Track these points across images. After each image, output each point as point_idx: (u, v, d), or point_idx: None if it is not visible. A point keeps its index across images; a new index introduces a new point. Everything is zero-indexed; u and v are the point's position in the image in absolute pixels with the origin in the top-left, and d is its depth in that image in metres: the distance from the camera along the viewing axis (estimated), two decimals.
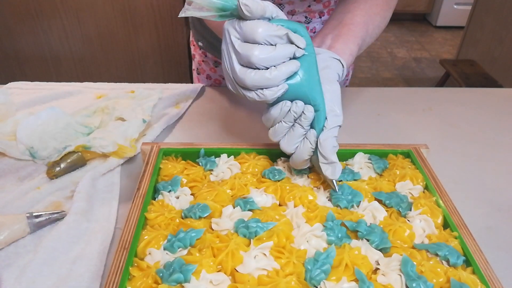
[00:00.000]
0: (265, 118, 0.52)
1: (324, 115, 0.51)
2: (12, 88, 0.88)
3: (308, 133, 0.51)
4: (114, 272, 0.42)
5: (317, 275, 0.43)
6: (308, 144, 0.51)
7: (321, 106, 0.50)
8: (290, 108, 0.49)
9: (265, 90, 0.47)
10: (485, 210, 0.62)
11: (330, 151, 0.51)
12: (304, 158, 0.52)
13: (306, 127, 0.50)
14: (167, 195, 0.53)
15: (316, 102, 0.50)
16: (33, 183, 0.63)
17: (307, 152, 0.52)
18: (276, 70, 0.46)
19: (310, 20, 0.79)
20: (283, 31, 0.46)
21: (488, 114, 0.87)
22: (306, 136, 0.51)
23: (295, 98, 0.49)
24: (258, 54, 0.45)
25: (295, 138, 0.51)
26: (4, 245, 0.52)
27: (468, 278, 0.43)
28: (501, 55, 2.38)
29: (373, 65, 3.28)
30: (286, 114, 0.50)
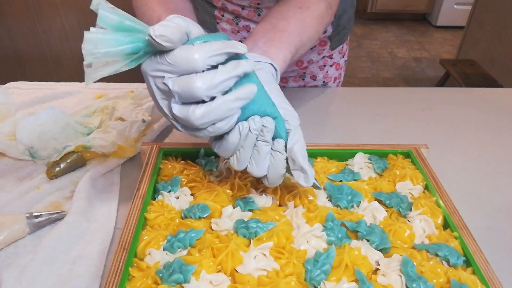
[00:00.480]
0: (221, 149, 0.45)
1: (282, 119, 0.46)
2: (11, 88, 0.88)
3: (274, 145, 0.46)
4: (113, 272, 0.42)
5: (317, 275, 0.43)
6: (279, 156, 0.45)
7: (277, 112, 0.46)
8: (249, 128, 0.43)
9: (218, 122, 0.41)
10: (485, 210, 0.62)
11: (302, 156, 0.46)
12: (281, 173, 0.47)
13: (270, 140, 0.45)
14: (167, 195, 0.53)
15: (271, 110, 0.45)
16: (33, 183, 0.63)
17: (282, 165, 0.46)
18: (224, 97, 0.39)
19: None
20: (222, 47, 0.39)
21: (488, 114, 0.87)
22: (273, 148, 0.46)
23: (249, 116, 0.43)
24: (202, 85, 0.38)
25: (263, 158, 0.45)
26: (4, 245, 0.52)
27: (468, 278, 0.43)
28: (501, 55, 2.38)
29: (373, 65, 3.28)
30: (246, 136, 0.43)
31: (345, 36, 0.91)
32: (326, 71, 0.92)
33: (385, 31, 3.89)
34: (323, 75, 0.92)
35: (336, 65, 0.94)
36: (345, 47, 0.94)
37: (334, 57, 0.91)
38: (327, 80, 0.94)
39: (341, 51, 0.92)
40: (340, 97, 0.92)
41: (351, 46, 3.58)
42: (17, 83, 0.90)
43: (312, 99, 0.90)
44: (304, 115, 0.84)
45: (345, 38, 0.91)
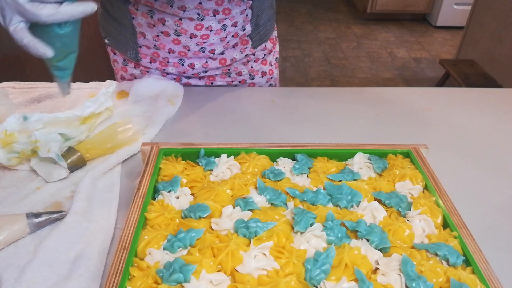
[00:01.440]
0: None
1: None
2: (5, 88, 0.88)
3: None
4: (114, 272, 0.42)
5: (317, 275, 0.43)
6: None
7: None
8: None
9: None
10: (485, 210, 0.62)
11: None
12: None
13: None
14: (167, 195, 0.53)
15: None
16: (33, 183, 0.63)
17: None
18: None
19: (203, 18, 0.79)
20: None
21: (488, 114, 0.87)
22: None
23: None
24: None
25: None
26: (4, 245, 0.52)
27: (468, 278, 0.43)
28: (500, 55, 2.38)
29: (373, 65, 3.28)
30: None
31: (266, 36, 0.92)
32: (250, 66, 0.93)
33: (385, 31, 3.89)
34: (248, 70, 0.94)
35: (262, 60, 0.95)
36: (270, 45, 0.95)
37: (256, 54, 0.93)
38: (254, 73, 0.95)
39: (264, 49, 0.93)
40: (340, 97, 0.92)
41: (351, 46, 3.58)
42: (10, 83, 0.89)
43: (312, 99, 0.90)
44: (303, 115, 0.84)
45: (266, 38, 0.93)
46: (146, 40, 0.84)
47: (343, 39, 3.71)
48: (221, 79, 0.93)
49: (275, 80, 1.02)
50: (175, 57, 0.85)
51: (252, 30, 0.87)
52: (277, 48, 1.00)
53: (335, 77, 3.09)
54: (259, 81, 0.97)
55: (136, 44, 0.86)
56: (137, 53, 0.87)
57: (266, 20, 0.90)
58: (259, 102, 0.88)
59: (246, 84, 0.96)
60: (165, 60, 0.86)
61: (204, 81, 0.92)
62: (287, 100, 0.89)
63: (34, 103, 0.83)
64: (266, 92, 0.93)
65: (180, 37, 0.81)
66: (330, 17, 4.21)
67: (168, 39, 0.82)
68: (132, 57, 0.89)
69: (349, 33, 3.85)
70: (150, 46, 0.85)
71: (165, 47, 0.83)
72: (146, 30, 0.82)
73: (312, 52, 3.46)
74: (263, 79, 0.98)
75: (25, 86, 0.89)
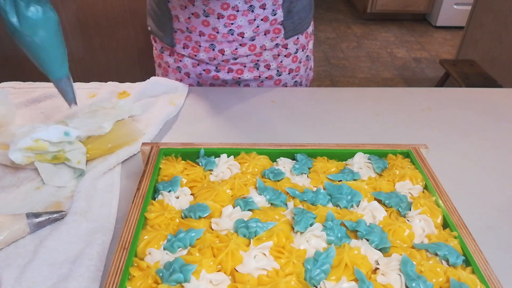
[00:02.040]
0: None
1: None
2: (6, 88, 0.88)
3: None
4: (114, 272, 0.42)
5: (316, 274, 0.43)
6: None
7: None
8: None
9: None
10: (485, 209, 0.62)
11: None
12: None
13: None
14: (167, 195, 0.53)
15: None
16: (33, 183, 0.63)
17: None
18: None
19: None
20: None
21: (488, 114, 0.87)
22: None
23: None
24: None
25: None
26: (4, 245, 0.52)
27: (468, 277, 0.43)
28: (501, 55, 2.38)
29: (373, 65, 3.28)
30: None
31: (301, 27, 0.91)
32: (280, 60, 0.93)
33: (385, 31, 3.89)
34: (277, 64, 0.93)
35: (293, 57, 0.94)
36: (304, 40, 0.95)
37: (289, 48, 0.92)
38: (281, 70, 0.94)
39: (296, 42, 0.92)
40: (340, 97, 0.92)
41: (351, 46, 3.58)
42: (11, 83, 0.89)
43: (312, 99, 0.90)
44: (304, 115, 0.84)
45: (301, 29, 0.92)
46: (180, 24, 0.86)
47: (343, 39, 3.71)
48: (249, 73, 0.92)
49: (300, 77, 1.00)
50: (205, 40, 0.86)
51: (284, 17, 0.86)
52: (310, 45, 0.99)
53: (335, 77, 3.09)
54: (285, 78, 0.97)
55: (172, 29, 0.88)
56: (173, 39, 0.89)
57: (300, 8, 0.88)
58: (259, 102, 0.88)
59: (273, 80, 0.95)
60: (197, 45, 0.87)
61: (232, 74, 0.92)
62: (287, 100, 0.89)
63: (34, 103, 0.83)
64: (266, 92, 0.93)
65: (209, 18, 0.82)
66: (330, 17, 4.21)
67: (198, 21, 0.83)
68: (168, 43, 0.90)
69: (349, 33, 3.85)
70: (184, 30, 0.86)
71: (196, 29, 0.84)
72: (180, 13, 0.84)
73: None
74: (289, 76, 0.97)
75: (25, 86, 0.89)
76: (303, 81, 1.02)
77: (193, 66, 0.92)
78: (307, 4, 0.91)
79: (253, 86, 0.95)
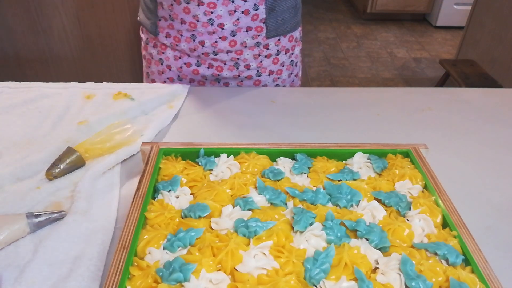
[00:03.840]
0: None
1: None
2: (1, 87, 0.88)
3: None
4: (114, 271, 0.42)
5: (316, 274, 0.43)
6: None
7: None
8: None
9: None
10: (484, 209, 0.62)
11: None
12: None
13: None
14: (167, 194, 0.53)
15: None
16: (32, 183, 0.63)
17: None
18: None
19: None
20: None
21: (488, 114, 0.87)
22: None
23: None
24: None
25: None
26: (4, 245, 0.52)
27: (467, 277, 0.43)
28: (501, 55, 2.38)
29: (373, 65, 3.28)
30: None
31: (284, 28, 0.91)
32: (260, 60, 0.93)
33: (385, 31, 3.89)
34: (257, 64, 0.93)
35: (274, 58, 0.94)
36: (287, 43, 0.94)
37: (270, 48, 0.92)
38: (261, 70, 0.94)
39: (278, 43, 0.92)
40: (340, 97, 0.92)
41: (351, 46, 3.58)
42: (6, 83, 0.89)
43: (312, 99, 0.90)
44: (304, 115, 0.84)
45: (283, 32, 0.91)
46: (164, 11, 0.87)
47: (343, 39, 3.71)
48: (229, 71, 0.92)
49: (283, 81, 1.00)
50: (186, 30, 0.86)
51: (267, 14, 0.86)
52: (296, 50, 0.99)
53: (335, 77, 3.09)
54: (265, 80, 0.96)
55: (156, 17, 0.89)
56: (156, 27, 0.90)
57: (284, 8, 0.88)
58: (259, 102, 0.88)
59: (252, 80, 0.95)
60: (179, 34, 0.88)
61: (212, 70, 0.92)
62: (287, 100, 0.89)
63: (31, 103, 0.83)
64: (266, 92, 0.93)
65: (190, 5, 0.83)
66: (330, 17, 4.21)
67: (179, 8, 0.84)
68: (152, 31, 0.92)
69: (349, 33, 3.85)
70: (167, 17, 0.87)
71: (177, 17, 0.85)
72: (163, 0, 0.85)
73: (312, 52, 3.46)
74: (270, 78, 0.96)
75: (21, 86, 0.89)
76: (286, 85, 1.01)
77: (175, 59, 0.92)
78: (292, 7, 0.91)
79: (233, 85, 0.96)
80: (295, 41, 0.97)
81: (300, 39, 0.99)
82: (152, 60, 0.97)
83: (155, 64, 0.96)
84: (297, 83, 1.05)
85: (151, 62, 0.97)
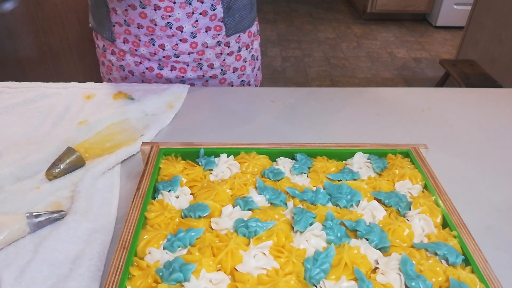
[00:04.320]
0: None
1: None
2: (1, 87, 0.88)
3: None
4: (114, 271, 0.42)
5: (316, 274, 0.43)
6: None
7: None
8: None
9: None
10: (484, 209, 0.62)
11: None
12: None
13: None
14: (167, 194, 0.53)
15: None
16: (32, 183, 0.63)
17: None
18: None
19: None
20: None
21: (487, 114, 0.87)
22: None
23: None
24: None
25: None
26: (4, 245, 0.52)
27: (467, 277, 0.43)
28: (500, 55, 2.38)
29: (373, 65, 3.28)
30: None
31: (242, 25, 0.92)
32: (223, 59, 0.93)
33: (385, 31, 3.89)
34: (220, 63, 0.93)
35: (236, 55, 0.94)
36: (247, 39, 0.95)
37: (231, 46, 0.92)
38: (225, 68, 0.95)
39: (238, 40, 0.93)
40: (340, 97, 0.92)
41: (351, 46, 3.58)
42: (6, 83, 0.90)
43: (312, 99, 0.90)
44: (304, 115, 0.84)
45: (242, 28, 0.92)
46: (118, 17, 0.85)
47: (343, 39, 3.71)
48: (192, 72, 0.92)
49: (247, 77, 1.01)
50: (144, 34, 0.85)
51: (224, 13, 0.87)
52: (255, 44, 1.00)
53: (335, 77, 3.09)
54: (230, 77, 0.97)
55: (110, 23, 0.87)
56: (112, 33, 0.88)
57: (241, 6, 0.89)
58: (259, 102, 0.88)
59: (218, 79, 0.96)
60: (137, 39, 0.87)
61: (175, 73, 0.91)
62: (287, 100, 0.89)
63: (31, 103, 0.83)
64: (266, 92, 0.93)
65: (146, 10, 0.82)
66: (330, 17, 4.21)
67: (135, 13, 0.83)
68: (108, 37, 0.90)
69: (349, 33, 3.85)
70: (122, 23, 0.86)
71: (134, 22, 0.84)
72: (117, 5, 0.83)
73: (312, 52, 3.47)
74: (235, 75, 0.97)
75: (20, 86, 0.89)
76: (251, 81, 1.02)
77: (136, 65, 0.91)
78: (248, 3, 0.91)
79: (198, 85, 0.95)
80: (253, 36, 0.98)
81: (257, 33, 1.00)
82: (113, 67, 0.95)
83: (116, 70, 0.95)
84: (260, 76, 1.07)
85: (111, 68, 0.96)
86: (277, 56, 3.38)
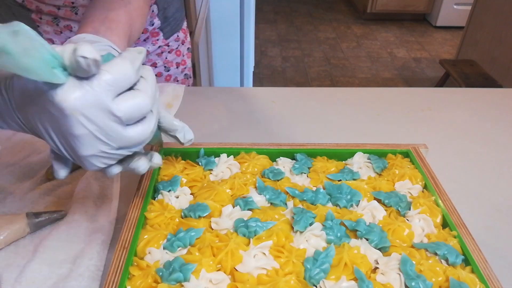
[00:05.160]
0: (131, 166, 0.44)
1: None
2: None
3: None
4: (114, 271, 0.42)
5: (316, 274, 0.43)
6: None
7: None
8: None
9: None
10: (484, 209, 0.62)
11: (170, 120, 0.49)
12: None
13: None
14: (167, 194, 0.53)
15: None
16: (32, 183, 0.63)
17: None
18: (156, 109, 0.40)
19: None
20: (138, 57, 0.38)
21: (487, 114, 0.87)
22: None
23: None
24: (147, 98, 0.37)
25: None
26: (4, 245, 0.52)
27: (467, 277, 0.43)
28: (500, 55, 2.38)
29: (373, 65, 3.28)
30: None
31: (178, 26, 0.95)
32: (165, 57, 0.95)
33: (385, 31, 3.89)
34: (163, 61, 0.96)
35: (176, 51, 0.97)
36: (182, 35, 0.99)
37: (170, 45, 0.95)
38: (169, 65, 0.97)
39: (177, 39, 0.96)
40: (340, 97, 0.92)
41: (351, 46, 3.58)
42: None
43: (312, 99, 0.90)
44: (303, 115, 0.84)
45: (178, 28, 0.95)
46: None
47: (343, 39, 3.72)
48: None
49: (189, 69, 1.04)
50: None
51: (162, 23, 0.89)
52: (188, 38, 1.03)
53: (335, 77, 3.09)
54: (175, 73, 0.99)
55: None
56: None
57: (174, 11, 0.91)
58: (259, 102, 0.88)
59: (163, 77, 0.97)
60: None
61: None
62: (287, 100, 0.89)
63: None
64: (266, 92, 0.93)
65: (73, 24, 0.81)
66: (330, 17, 4.21)
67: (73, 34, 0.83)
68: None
69: (349, 33, 3.86)
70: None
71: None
72: (54, 37, 0.83)
73: (312, 52, 3.47)
74: (178, 70, 1.00)
75: None
76: (190, 73, 1.06)
77: None
78: (180, 5, 0.94)
79: None
80: (186, 30, 1.01)
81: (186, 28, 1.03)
82: None
83: None
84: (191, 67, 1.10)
85: None
86: (277, 56, 3.39)
